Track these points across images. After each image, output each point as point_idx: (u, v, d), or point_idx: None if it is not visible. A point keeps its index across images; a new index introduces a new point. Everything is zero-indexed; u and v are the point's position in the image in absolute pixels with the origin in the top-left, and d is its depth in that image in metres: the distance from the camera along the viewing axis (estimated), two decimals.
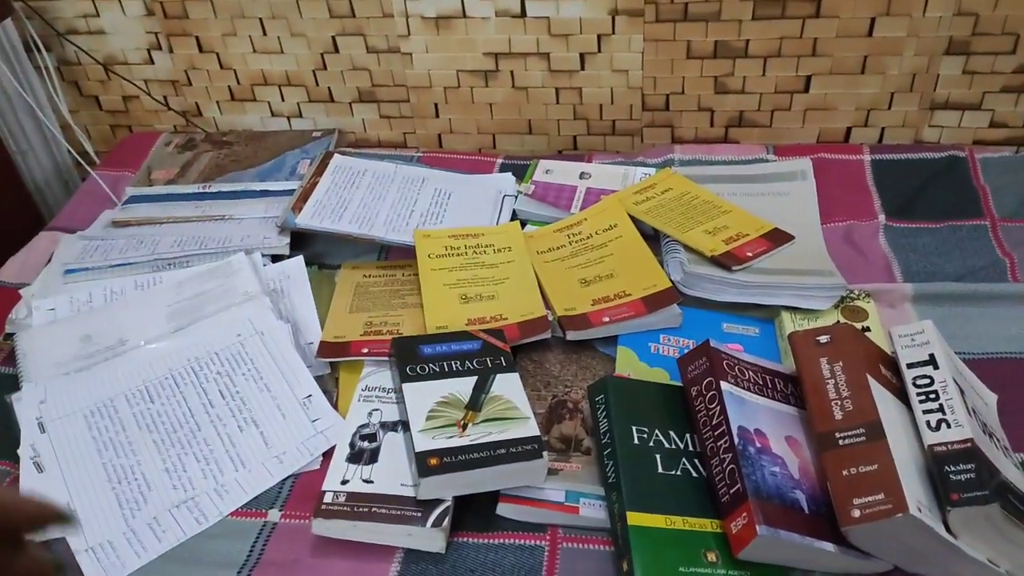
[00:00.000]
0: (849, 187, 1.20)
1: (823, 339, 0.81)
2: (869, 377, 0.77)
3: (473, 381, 0.87)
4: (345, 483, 0.82)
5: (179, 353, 0.99)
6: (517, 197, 1.21)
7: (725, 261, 1.02)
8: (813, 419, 0.77)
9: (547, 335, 0.97)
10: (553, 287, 1.04)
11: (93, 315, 1.05)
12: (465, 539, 0.81)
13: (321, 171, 1.24)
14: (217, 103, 1.47)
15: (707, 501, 0.77)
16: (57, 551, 0.83)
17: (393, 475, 0.83)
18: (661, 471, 0.79)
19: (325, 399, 0.94)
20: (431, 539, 0.79)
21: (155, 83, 1.47)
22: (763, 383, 0.83)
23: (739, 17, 1.24)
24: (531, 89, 1.36)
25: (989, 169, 1.19)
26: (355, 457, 0.85)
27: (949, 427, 0.73)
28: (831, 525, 0.72)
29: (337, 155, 1.28)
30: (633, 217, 1.12)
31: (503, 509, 0.82)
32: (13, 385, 0.98)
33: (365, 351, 0.97)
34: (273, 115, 1.47)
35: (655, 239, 1.10)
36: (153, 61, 1.44)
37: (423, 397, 0.85)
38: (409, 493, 0.81)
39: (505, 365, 0.90)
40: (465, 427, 0.82)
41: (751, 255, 1.04)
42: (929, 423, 0.75)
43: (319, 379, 0.97)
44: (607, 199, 1.17)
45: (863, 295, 1.00)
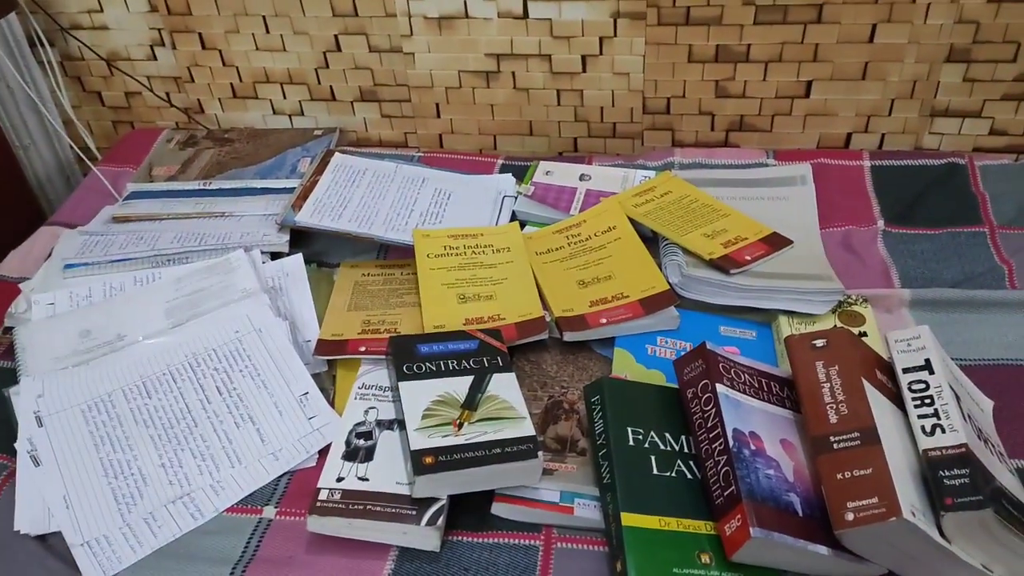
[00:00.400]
0: (848, 192, 1.20)
1: (819, 343, 0.81)
2: (865, 381, 0.77)
3: (470, 380, 0.87)
4: (341, 480, 0.83)
5: (177, 349, 0.99)
6: (517, 198, 1.21)
7: (723, 264, 1.03)
8: (808, 423, 0.77)
9: (544, 336, 0.98)
10: (551, 288, 1.04)
11: (92, 310, 1.05)
12: (460, 538, 0.81)
13: (322, 169, 1.24)
14: (219, 100, 1.48)
15: (702, 503, 0.77)
16: (53, 545, 0.83)
17: (389, 473, 0.83)
18: (656, 472, 0.79)
19: (322, 396, 0.94)
20: (426, 537, 0.79)
21: (157, 79, 1.47)
22: (759, 386, 0.83)
23: (741, 22, 1.24)
24: (532, 90, 1.37)
25: (988, 176, 1.20)
26: (351, 455, 0.85)
27: (944, 432, 0.74)
28: (825, 528, 0.72)
29: (338, 154, 1.28)
30: (632, 219, 1.12)
31: (498, 508, 0.82)
32: (11, 379, 0.98)
33: (362, 349, 0.97)
34: (275, 113, 1.47)
35: (654, 241, 1.10)
36: (156, 57, 1.44)
37: (419, 396, 0.85)
38: (404, 491, 0.81)
39: (502, 365, 0.90)
40: (461, 426, 0.82)
41: (749, 259, 1.04)
42: (924, 428, 0.75)
43: (316, 377, 0.97)
44: (606, 201, 1.17)
45: (860, 300, 1.00)
